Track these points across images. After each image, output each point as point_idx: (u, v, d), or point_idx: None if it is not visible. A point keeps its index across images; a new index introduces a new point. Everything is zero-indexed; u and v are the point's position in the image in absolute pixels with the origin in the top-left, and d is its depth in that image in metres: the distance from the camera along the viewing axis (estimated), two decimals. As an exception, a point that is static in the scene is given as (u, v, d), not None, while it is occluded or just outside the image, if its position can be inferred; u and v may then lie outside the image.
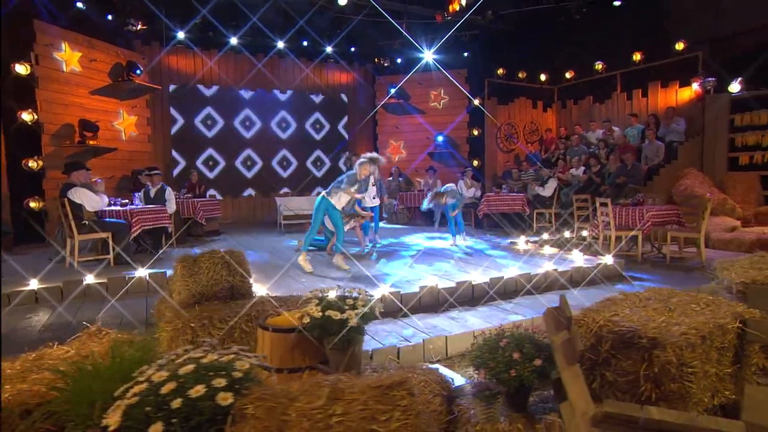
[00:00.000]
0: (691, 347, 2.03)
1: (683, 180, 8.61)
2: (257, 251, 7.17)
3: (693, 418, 1.61)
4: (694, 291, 2.81)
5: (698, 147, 9.22)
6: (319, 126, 12.43)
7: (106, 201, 6.24)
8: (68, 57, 8.37)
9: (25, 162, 7.56)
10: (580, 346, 1.86)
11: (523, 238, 7.53)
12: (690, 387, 2.00)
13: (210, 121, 11.25)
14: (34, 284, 4.87)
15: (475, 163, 11.59)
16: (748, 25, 9.44)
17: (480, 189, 10.10)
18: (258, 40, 10.89)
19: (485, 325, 4.01)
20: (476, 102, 11.46)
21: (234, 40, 10.61)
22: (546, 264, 5.51)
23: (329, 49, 11.47)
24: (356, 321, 2.36)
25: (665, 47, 9.85)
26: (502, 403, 2.16)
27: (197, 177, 10.00)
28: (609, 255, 5.86)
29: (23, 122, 7.51)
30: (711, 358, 2.15)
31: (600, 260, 5.76)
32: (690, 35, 9.76)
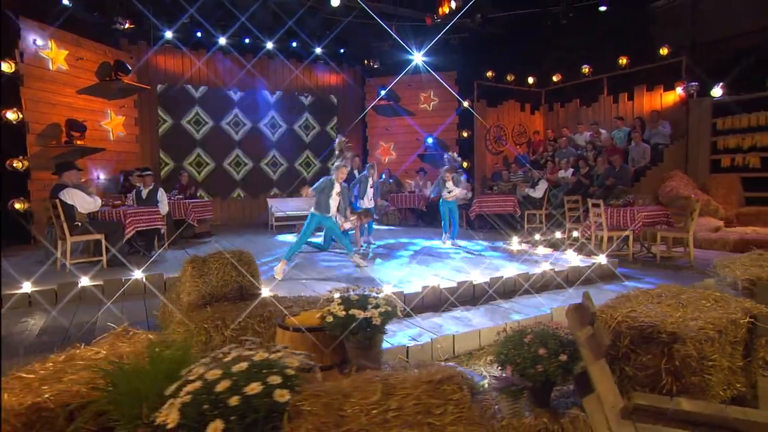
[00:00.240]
0: (710, 341, 2.10)
1: (669, 182, 8.83)
2: (252, 253, 7.08)
3: (722, 409, 1.66)
4: (701, 288, 2.90)
5: (683, 149, 9.48)
6: (309, 127, 12.39)
7: (99, 203, 6.10)
8: (54, 55, 8.17)
9: (10, 162, 7.35)
10: (607, 341, 1.90)
11: (516, 239, 7.62)
12: (710, 380, 2.06)
13: (198, 122, 11.11)
14: (28, 287, 4.74)
15: (465, 165, 11.67)
16: (729, 33, 9.76)
17: (470, 190, 10.19)
18: (247, 41, 10.82)
19: (489, 324, 4.07)
20: (465, 104, 11.56)
21: (223, 41, 10.53)
22: (543, 264, 5.60)
23: (319, 50, 11.45)
24: (379, 319, 2.37)
25: (650, 52, 10.11)
26: (527, 399, 2.20)
27: (188, 178, 9.86)
28: (603, 255, 5.99)
29: (8, 121, 7.31)
30: (726, 352, 2.22)
31: (594, 260, 5.88)
32: (674, 41, 10.04)
